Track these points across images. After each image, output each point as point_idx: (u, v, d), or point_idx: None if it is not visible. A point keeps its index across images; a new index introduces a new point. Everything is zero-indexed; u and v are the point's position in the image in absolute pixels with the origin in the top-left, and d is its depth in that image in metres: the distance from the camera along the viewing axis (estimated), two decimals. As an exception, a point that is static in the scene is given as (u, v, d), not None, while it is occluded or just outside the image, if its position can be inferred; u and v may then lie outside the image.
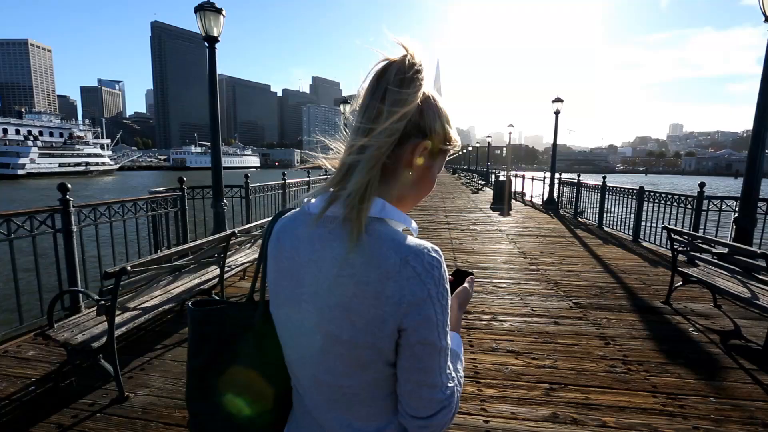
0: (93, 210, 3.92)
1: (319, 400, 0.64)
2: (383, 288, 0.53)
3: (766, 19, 4.43)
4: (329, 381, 0.60)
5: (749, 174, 4.78)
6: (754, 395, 2.51)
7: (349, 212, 0.55)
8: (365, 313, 0.54)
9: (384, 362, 0.58)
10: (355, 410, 0.62)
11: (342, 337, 0.56)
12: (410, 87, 0.57)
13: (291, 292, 0.62)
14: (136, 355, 2.93)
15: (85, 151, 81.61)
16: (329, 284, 0.56)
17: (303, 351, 0.63)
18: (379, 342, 0.55)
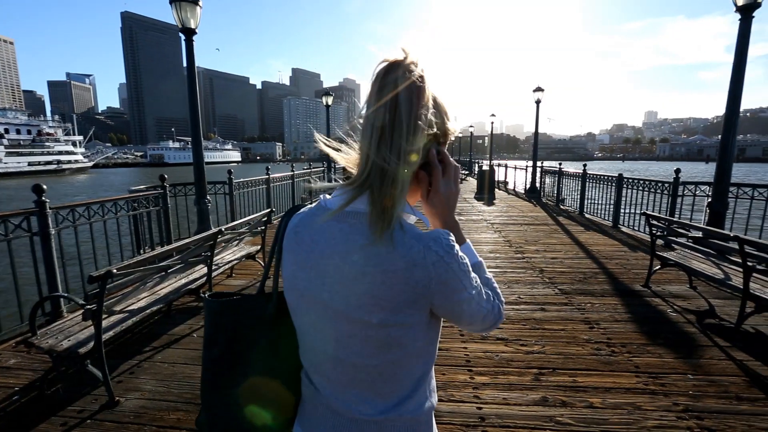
0: (71, 211, 3.79)
1: (342, 381, 0.68)
2: (411, 274, 0.60)
3: (737, 8, 4.57)
4: (355, 362, 0.65)
5: (721, 160, 4.96)
6: (728, 371, 2.65)
7: (381, 211, 0.60)
8: (394, 298, 0.61)
9: (410, 334, 0.64)
10: (377, 387, 0.67)
11: (372, 321, 0.62)
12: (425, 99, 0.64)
13: (311, 283, 0.66)
14: (124, 358, 2.88)
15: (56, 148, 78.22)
16: (355, 274, 0.61)
17: (327, 336, 0.66)
18: (408, 319, 0.63)
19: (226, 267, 4.22)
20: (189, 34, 5.36)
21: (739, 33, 4.62)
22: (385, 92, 0.61)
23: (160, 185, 5.30)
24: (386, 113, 0.61)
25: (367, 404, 0.67)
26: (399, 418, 0.68)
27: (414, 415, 0.69)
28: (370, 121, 0.63)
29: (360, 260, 0.61)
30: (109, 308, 2.57)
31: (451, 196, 0.74)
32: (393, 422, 0.68)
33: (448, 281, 0.62)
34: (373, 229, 0.60)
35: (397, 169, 0.60)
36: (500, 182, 16.56)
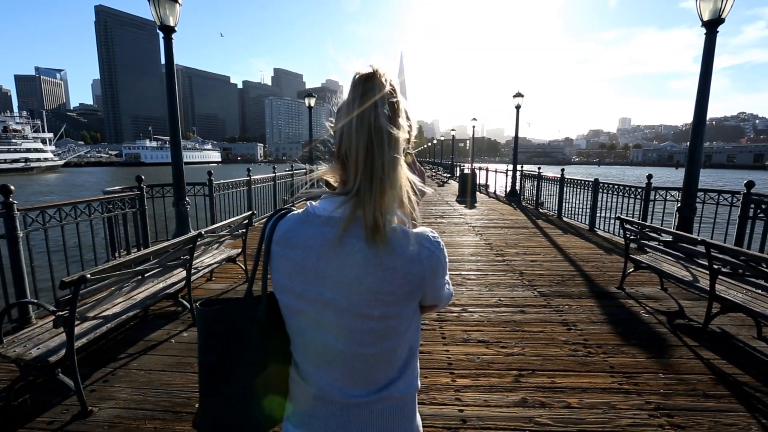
0: (41, 213, 3.63)
1: (341, 371, 0.73)
2: (409, 270, 0.68)
3: (702, 23, 4.80)
4: (357, 352, 0.71)
5: (689, 166, 5.20)
6: (696, 369, 2.77)
7: (377, 216, 0.65)
8: (394, 292, 0.69)
9: (404, 323, 0.73)
10: (374, 373, 0.74)
11: (374, 314, 0.69)
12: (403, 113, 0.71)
13: (310, 285, 0.70)
14: (98, 366, 2.77)
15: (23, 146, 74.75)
16: (357, 274, 0.67)
17: (329, 332, 0.71)
18: (404, 310, 0.72)
19: (206, 270, 4.13)
20: (168, 32, 5.24)
21: (704, 46, 4.86)
22: (366, 105, 0.65)
23: (136, 186, 5.15)
24: (370, 128, 0.65)
25: (361, 389, 0.74)
26: (388, 398, 0.75)
27: (401, 395, 0.76)
28: (353, 134, 0.66)
29: (360, 261, 0.66)
30: (82, 314, 2.48)
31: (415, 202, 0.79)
32: (382, 402, 0.75)
33: (437, 271, 0.73)
34: (371, 233, 0.65)
35: (386, 177, 0.65)
36: (481, 185, 16.82)
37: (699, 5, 4.82)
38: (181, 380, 2.61)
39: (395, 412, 0.76)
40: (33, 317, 3.40)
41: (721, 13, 4.66)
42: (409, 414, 0.80)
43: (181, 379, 2.62)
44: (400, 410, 0.77)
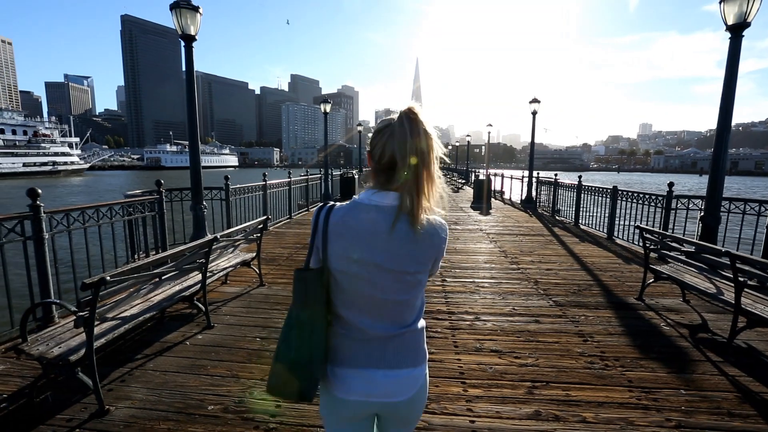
0: (66, 216, 3.77)
1: (381, 314, 1.06)
2: (432, 243, 1.05)
3: (727, 28, 4.67)
4: (394, 299, 1.05)
5: (713, 174, 5.03)
6: (720, 386, 2.66)
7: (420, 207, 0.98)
8: (423, 256, 1.04)
9: (423, 284, 1.09)
10: (404, 314, 1.09)
11: (410, 270, 1.03)
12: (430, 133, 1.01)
13: (364, 253, 1.01)
14: (115, 366, 2.84)
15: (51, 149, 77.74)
16: (400, 244, 1.00)
17: (378, 285, 1.03)
18: (426, 267, 1.07)
19: (221, 274, 4.20)
20: (189, 40, 5.40)
21: (729, 51, 4.72)
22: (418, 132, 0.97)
23: (156, 190, 5.29)
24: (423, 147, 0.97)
25: (394, 326, 1.07)
26: (412, 331, 1.10)
27: (419, 328, 1.13)
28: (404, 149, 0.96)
29: (404, 236, 1.00)
30: (101, 315, 2.55)
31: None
32: (407, 334, 1.10)
33: (444, 248, 1.10)
34: (413, 218, 0.98)
35: (422, 183, 0.98)
36: (497, 192, 16.65)
37: (723, 9, 4.70)
38: (194, 382, 2.65)
39: (416, 338, 1.12)
40: (56, 316, 3.52)
41: (746, 17, 4.52)
42: (423, 340, 1.15)
43: (194, 381, 2.66)
44: (419, 338, 1.13)
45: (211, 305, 4.00)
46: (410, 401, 1.12)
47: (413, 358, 1.11)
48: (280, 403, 2.42)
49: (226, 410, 2.36)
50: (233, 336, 3.36)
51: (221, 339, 3.30)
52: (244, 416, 2.30)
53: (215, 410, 2.36)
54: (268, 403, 2.42)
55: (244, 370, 2.81)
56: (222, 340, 3.29)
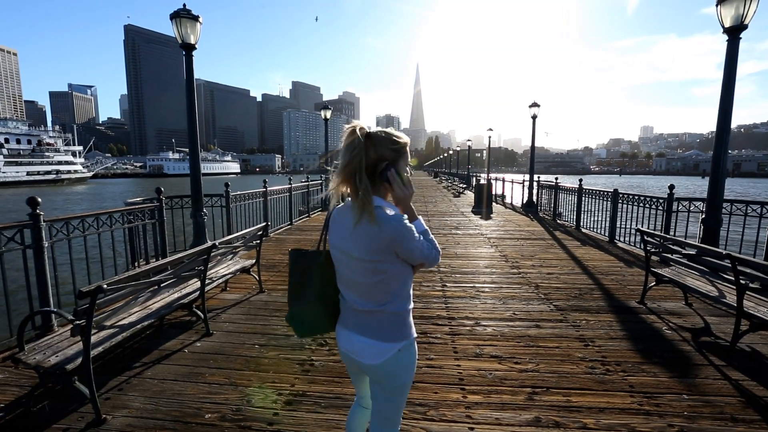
0: (65, 224, 3.78)
1: (355, 294, 1.38)
2: (382, 235, 1.25)
3: (724, 30, 4.68)
4: (362, 281, 1.34)
5: (714, 176, 5.01)
6: (723, 391, 2.62)
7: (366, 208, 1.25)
8: (375, 247, 1.27)
9: (388, 267, 1.30)
10: (373, 295, 1.34)
11: (366, 258, 1.29)
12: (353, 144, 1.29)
13: (340, 242, 1.36)
14: (113, 374, 2.83)
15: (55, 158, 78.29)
16: (359, 236, 1.28)
17: (349, 268, 1.35)
18: (383, 257, 1.28)
19: (221, 281, 4.19)
20: (189, 49, 5.45)
21: (727, 53, 4.72)
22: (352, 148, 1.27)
23: (156, 198, 5.30)
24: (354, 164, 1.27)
25: (368, 303, 1.35)
26: (384, 311, 1.35)
27: (394, 310, 1.36)
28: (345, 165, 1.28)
29: (361, 230, 1.27)
30: (98, 323, 2.55)
31: (405, 197, 1.35)
32: (381, 313, 1.35)
33: (402, 240, 1.28)
34: (367, 217, 1.25)
35: (366, 190, 1.26)
36: (498, 196, 16.62)
37: (720, 12, 4.71)
38: (192, 390, 2.64)
39: (388, 319, 1.36)
40: (55, 325, 3.52)
41: (743, 19, 4.53)
42: (402, 322, 1.38)
43: (192, 389, 2.65)
44: (392, 319, 1.36)
45: (211, 312, 3.99)
46: (379, 367, 1.37)
47: (383, 333, 1.36)
48: (278, 411, 2.41)
49: (223, 418, 2.34)
50: (232, 343, 3.34)
51: (219, 346, 3.29)
52: (241, 424, 2.29)
53: (212, 419, 2.34)
54: (266, 411, 2.41)
55: (242, 378, 2.79)
56: (220, 347, 3.27)
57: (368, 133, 1.29)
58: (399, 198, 1.34)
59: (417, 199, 17.73)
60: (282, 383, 2.73)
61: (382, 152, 1.29)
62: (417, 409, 2.43)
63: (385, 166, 1.30)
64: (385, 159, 1.30)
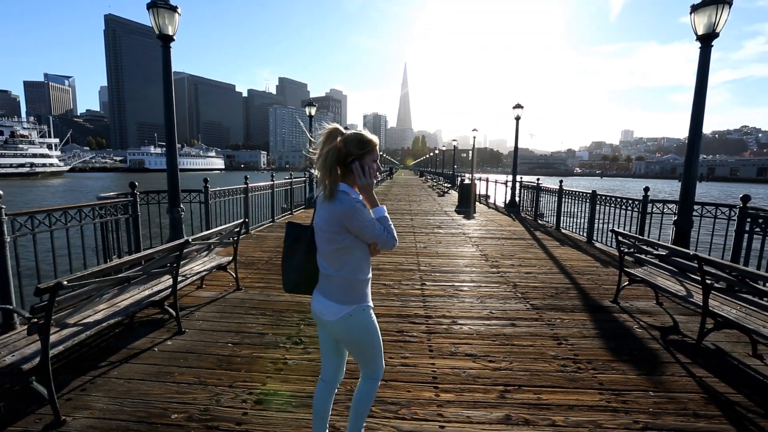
0: (30, 218, 3.63)
1: (322, 259, 1.70)
2: (335, 212, 1.58)
3: (697, 38, 4.81)
4: (324, 249, 1.67)
5: (686, 179, 5.16)
6: (688, 387, 2.70)
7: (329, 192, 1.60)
8: (332, 221, 1.60)
9: (341, 239, 1.61)
10: (331, 262, 1.66)
11: (325, 229, 1.62)
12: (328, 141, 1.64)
13: (316, 217, 1.69)
14: (77, 374, 2.73)
15: (29, 151, 75.35)
16: (323, 210, 1.63)
17: (318, 238, 1.69)
18: (337, 229, 1.60)
19: (195, 278, 4.10)
20: (166, 40, 5.31)
21: (699, 60, 4.86)
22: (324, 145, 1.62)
23: (129, 192, 5.15)
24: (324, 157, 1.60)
25: (329, 269, 1.67)
26: (339, 276, 1.66)
27: (347, 276, 1.65)
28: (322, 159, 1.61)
29: (325, 206, 1.62)
30: (59, 321, 2.45)
31: (365, 186, 1.64)
32: (336, 278, 1.66)
33: (351, 217, 1.57)
34: (328, 197, 1.59)
35: (333, 177, 1.61)
36: (482, 196, 16.78)
37: (693, 20, 4.84)
38: (159, 390, 2.57)
39: (343, 284, 1.66)
40: (17, 323, 3.37)
41: (715, 28, 4.67)
42: (352, 288, 1.67)
43: (159, 389, 2.58)
44: (346, 284, 1.66)
45: (185, 310, 3.90)
46: (334, 324, 1.68)
47: (337, 296, 1.66)
48: (247, 411, 2.36)
49: (190, 419, 2.28)
50: (204, 342, 3.27)
51: (191, 345, 3.21)
52: (209, 425, 2.23)
53: (179, 419, 2.28)
54: (235, 411, 2.36)
55: (212, 377, 2.73)
56: (192, 345, 3.20)
57: (341, 134, 1.62)
58: (361, 186, 1.64)
59: (401, 198, 17.76)
60: (253, 382, 2.68)
61: (351, 149, 1.61)
62: (389, 407, 2.42)
63: (351, 160, 1.61)
64: (353, 155, 1.61)
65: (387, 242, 1.64)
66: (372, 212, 1.65)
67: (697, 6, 4.76)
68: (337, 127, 1.63)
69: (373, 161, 1.65)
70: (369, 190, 1.65)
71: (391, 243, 1.65)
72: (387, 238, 1.63)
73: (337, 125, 1.64)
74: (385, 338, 3.35)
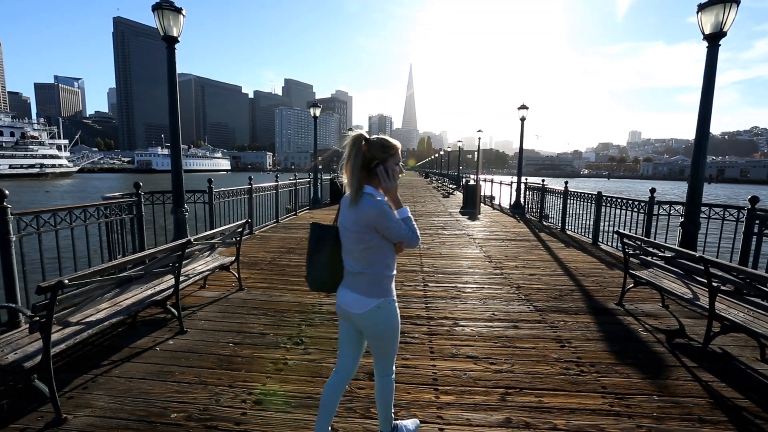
0: (35, 217, 3.67)
1: (350, 258, 1.80)
2: (364, 215, 1.69)
3: (704, 37, 4.75)
4: (352, 248, 1.77)
5: (692, 180, 5.09)
6: (693, 392, 2.65)
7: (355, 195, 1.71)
8: (360, 223, 1.70)
9: (369, 239, 1.71)
10: (359, 260, 1.76)
11: (352, 229, 1.73)
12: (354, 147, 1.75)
13: (342, 218, 1.80)
14: (79, 372, 2.76)
15: (39, 152, 76.37)
16: (351, 213, 1.73)
17: (345, 238, 1.79)
18: (365, 230, 1.70)
19: (198, 278, 4.12)
20: (171, 42, 5.34)
21: (706, 60, 4.80)
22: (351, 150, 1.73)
23: (134, 193, 5.19)
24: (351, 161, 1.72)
25: (357, 266, 1.77)
26: (368, 273, 1.75)
27: (374, 272, 1.75)
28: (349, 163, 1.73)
29: (352, 209, 1.72)
30: (62, 319, 2.47)
31: (390, 188, 1.76)
32: (366, 275, 1.76)
33: (380, 219, 1.67)
34: (356, 199, 1.69)
35: (359, 180, 1.71)
36: (486, 197, 16.71)
37: (700, 19, 4.78)
38: (160, 389, 2.58)
39: (370, 279, 1.76)
40: (22, 321, 3.40)
41: (722, 27, 4.60)
42: (380, 284, 1.77)
43: (160, 388, 2.59)
44: (374, 280, 1.76)
45: (187, 310, 3.91)
46: (361, 317, 1.77)
47: (365, 290, 1.76)
48: (246, 411, 2.36)
49: (189, 418, 2.29)
50: (205, 341, 3.28)
51: (192, 344, 3.22)
52: (208, 424, 2.24)
53: (178, 418, 2.29)
54: (234, 411, 2.36)
55: (212, 377, 2.74)
56: (193, 345, 3.21)
57: (366, 139, 1.74)
58: (385, 188, 1.76)
59: (406, 199, 17.75)
60: (253, 382, 2.68)
61: (376, 153, 1.73)
62: (388, 409, 2.40)
63: (375, 164, 1.73)
64: (377, 159, 1.73)
65: (412, 241, 1.75)
66: (397, 213, 1.75)
67: (704, 5, 4.69)
68: (362, 133, 1.74)
69: (396, 164, 1.77)
70: (393, 191, 1.77)
71: (415, 242, 1.76)
72: (412, 238, 1.74)
73: (362, 131, 1.76)
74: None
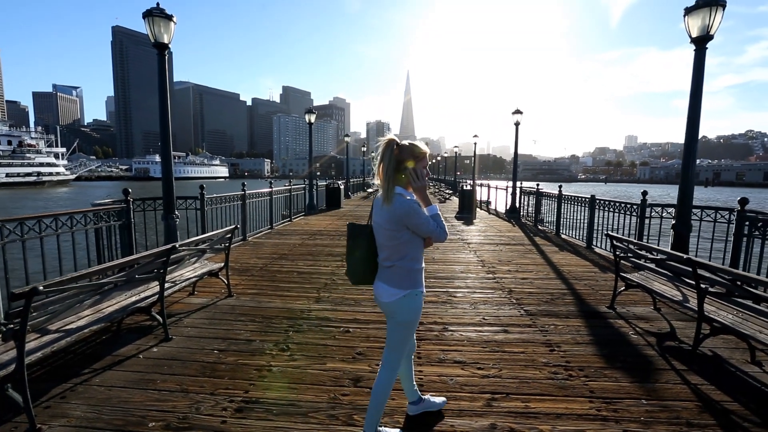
0: (19, 224, 3.63)
1: (383, 253, 1.99)
2: (396, 213, 1.87)
3: (691, 40, 4.78)
4: (385, 244, 1.96)
5: (683, 183, 5.09)
6: (682, 395, 2.62)
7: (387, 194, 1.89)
8: (392, 221, 1.89)
9: (401, 235, 1.90)
10: (392, 254, 1.95)
11: (386, 227, 1.92)
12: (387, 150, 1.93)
13: (376, 216, 2.01)
14: (58, 381, 2.70)
15: (36, 160, 76.23)
16: (384, 212, 1.91)
17: (379, 235, 1.99)
18: (397, 227, 1.89)
19: (185, 284, 4.08)
20: (162, 48, 5.36)
21: (694, 63, 4.82)
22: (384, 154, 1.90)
23: (123, 200, 5.15)
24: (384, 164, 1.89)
25: (389, 261, 1.95)
26: (397, 266, 1.94)
27: (405, 265, 1.93)
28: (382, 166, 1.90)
29: (385, 208, 1.90)
30: (39, 326, 2.43)
31: (420, 187, 1.94)
32: (397, 267, 1.94)
33: (410, 216, 1.86)
34: (386, 200, 1.88)
35: (390, 182, 1.89)
36: (483, 202, 16.70)
37: (687, 22, 4.81)
38: (140, 398, 2.53)
39: (401, 272, 1.93)
40: (3, 330, 3.35)
41: (709, 30, 4.63)
42: (408, 276, 1.94)
43: (140, 397, 2.54)
44: (403, 273, 1.93)
45: (174, 317, 3.87)
46: (390, 305, 1.96)
47: (395, 281, 1.94)
48: (226, 419, 2.31)
49: (168, 427, 2.24)
50: (190, 349, 3.23)
51: (176, 352, 3.17)
52: (186, 434, 2.19)
53: (156, 427, 2.24)
54: (214, 419, 2.31)
55: (194, 384, 2.69)
56: (177, 353, 3.16)
57: (397, 144, 1.91)
58: (415, 188, 1.94)
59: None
60: (236, 389, 2.63)
61: (405, 157, 1.90)
62: (371, 416, 2.35)
63: (405, 166, 1.90)
64: (406, 161, 1.90)
65: (440, 236, 1.92)
66: (426, 210, 1.92)
67: (690, 9, 4.73)
68: (393, 138, 1.91)
69: (424, 167, 1.94)
70: (423, 191, 1.95)
71: (443, 236, 1.93)
72: (440, 233, 1.91)
73: (393, 136, 1.91)
74: (372, 345, 3.30)
